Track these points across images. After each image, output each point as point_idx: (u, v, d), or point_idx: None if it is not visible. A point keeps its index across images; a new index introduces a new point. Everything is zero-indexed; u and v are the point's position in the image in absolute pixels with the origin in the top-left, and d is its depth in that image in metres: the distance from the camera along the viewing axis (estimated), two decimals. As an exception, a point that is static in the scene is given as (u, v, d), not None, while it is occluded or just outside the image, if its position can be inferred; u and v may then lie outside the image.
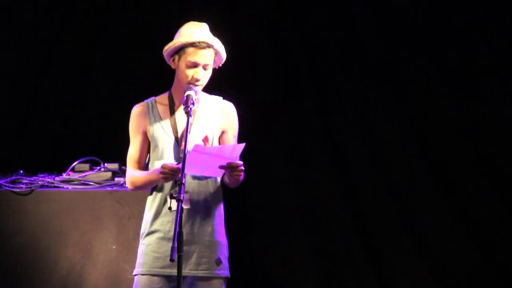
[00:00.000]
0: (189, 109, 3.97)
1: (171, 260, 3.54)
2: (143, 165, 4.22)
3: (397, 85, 5.69)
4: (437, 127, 5.65)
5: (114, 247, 4.86)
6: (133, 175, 4.17)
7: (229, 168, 3.96)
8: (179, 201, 3.66)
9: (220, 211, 4.16)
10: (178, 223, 3.63)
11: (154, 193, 4.15)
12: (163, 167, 3.95)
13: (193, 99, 4.02)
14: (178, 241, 3.62)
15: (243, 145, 3.94)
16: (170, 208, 3.96)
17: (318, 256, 5.71)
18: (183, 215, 4.03)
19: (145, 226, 4.16)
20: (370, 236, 5.69)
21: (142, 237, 4.16)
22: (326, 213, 5.73)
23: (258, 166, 4.46)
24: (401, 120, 5.70)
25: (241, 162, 3.96)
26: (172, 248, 3.55)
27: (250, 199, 5.73)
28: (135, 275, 4.14)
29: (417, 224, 5.64)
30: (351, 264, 5.70)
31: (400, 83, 5.69)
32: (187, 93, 4.04)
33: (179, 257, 3.63)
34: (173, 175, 3.95)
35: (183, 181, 3.73)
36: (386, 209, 5.67)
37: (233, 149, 3.93)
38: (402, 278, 5.66)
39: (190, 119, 4.02)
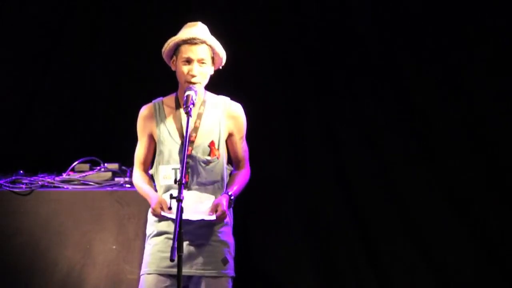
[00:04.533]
0: (189, 109, 3.98)
1: (171, 260, 3.55)
2: (149, 165, 4.29)
3: (398, 85, 5.69)
4: (437, 127, 5.64)
5: (114, 247, 4.86)
6: (136, 182, 4.28)
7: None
8: (179, 201, 3.67)
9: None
10: (178, 223, 3.64)
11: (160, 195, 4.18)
12: (154, 209, 4.04)
13: (193, 99, 4.03)
14: (178, 241, 3.63)
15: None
16: (170, 208, 3.97)
17: (318, 256, 5.71)
18: None
19: (151, 228, 4.19)
20: (370, 237, 5.69)
21: (149, 238, 4.18)
22: (327, 213, 5.73)
23: (258, 166, 4.46)
24: (402, 120, 5.69)
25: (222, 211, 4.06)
26: (172, 248, 3.56)
27: (250, 199, 5.72)
28: (142, 275, 4.15)
29: (417, 225, 5.64)
30: (351, 264, 5.69)
31: (401, 83, 5.69)
32: (186, 93, 4.06)
33: (179, 257, 3.64)
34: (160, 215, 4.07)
35: (183, 182, 3.75)
36: (386, 210, 5.67)
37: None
38: (402, 278, 5.65)
39: (196, 122, 4.09)
